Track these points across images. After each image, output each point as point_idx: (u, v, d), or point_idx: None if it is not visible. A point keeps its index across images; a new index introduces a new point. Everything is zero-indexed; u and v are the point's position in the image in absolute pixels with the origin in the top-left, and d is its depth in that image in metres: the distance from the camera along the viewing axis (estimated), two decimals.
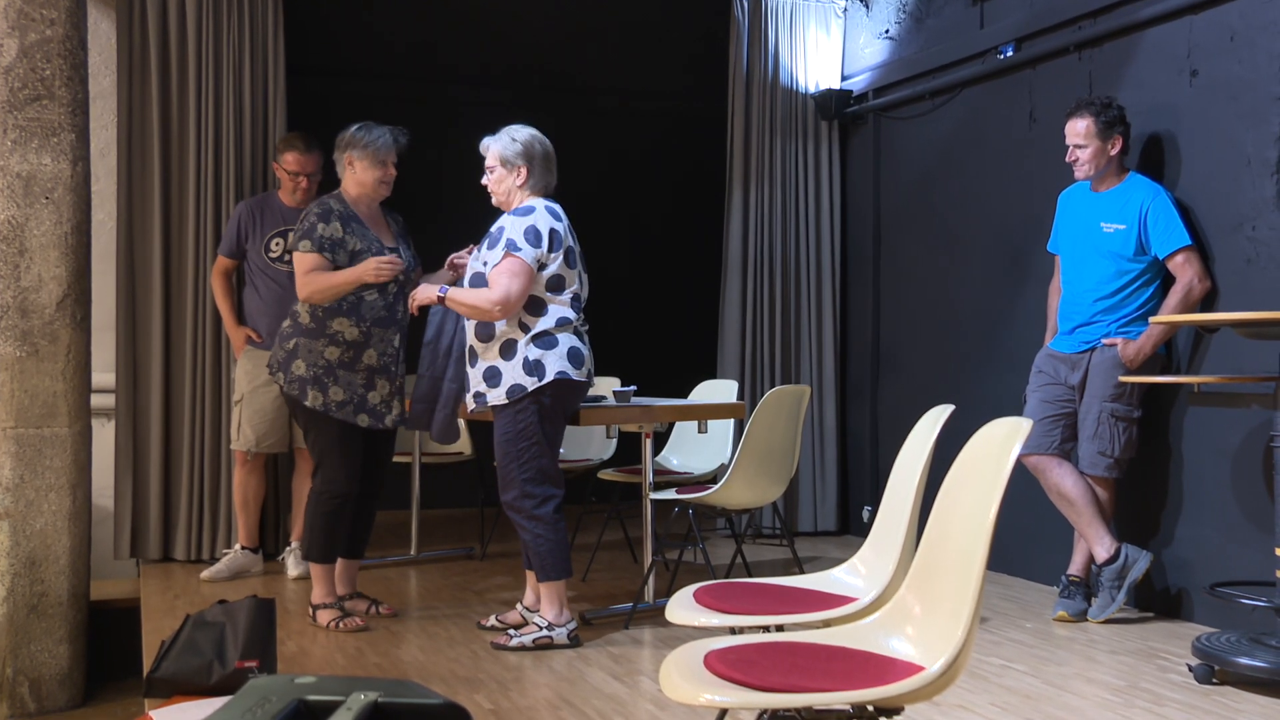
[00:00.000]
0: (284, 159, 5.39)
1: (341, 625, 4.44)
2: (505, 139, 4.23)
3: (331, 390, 4.37)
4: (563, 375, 4.10)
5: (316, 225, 4.39)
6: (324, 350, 4.37)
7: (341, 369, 4.39)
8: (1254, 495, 4.27)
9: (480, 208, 4.55)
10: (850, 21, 6.80)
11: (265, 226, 5.38)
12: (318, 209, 4.45)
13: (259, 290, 5.39)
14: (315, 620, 4.50)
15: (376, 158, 4.47)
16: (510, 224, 4.12)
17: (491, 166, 4.24)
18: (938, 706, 3.44)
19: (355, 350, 4.40)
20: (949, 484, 2.29)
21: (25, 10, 4.65)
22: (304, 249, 4.37)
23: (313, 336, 4.38)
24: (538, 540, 4.14)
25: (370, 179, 4.48)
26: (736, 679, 2.09)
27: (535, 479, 4.12)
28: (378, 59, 7.70)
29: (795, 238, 6.68)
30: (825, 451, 6.68)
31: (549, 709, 3.49)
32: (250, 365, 5.36)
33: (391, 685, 1.15)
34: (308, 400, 4.37)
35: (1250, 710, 3.49)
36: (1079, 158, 4.56)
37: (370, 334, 4.42)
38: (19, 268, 4.66)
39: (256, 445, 5.37)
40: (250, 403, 5.36)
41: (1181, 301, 4.39)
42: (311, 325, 4.39)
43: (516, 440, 4.11)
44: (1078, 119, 4.55)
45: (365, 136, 4.48)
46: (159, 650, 3.64)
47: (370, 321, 4.41)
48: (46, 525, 4.68)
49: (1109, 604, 4.48)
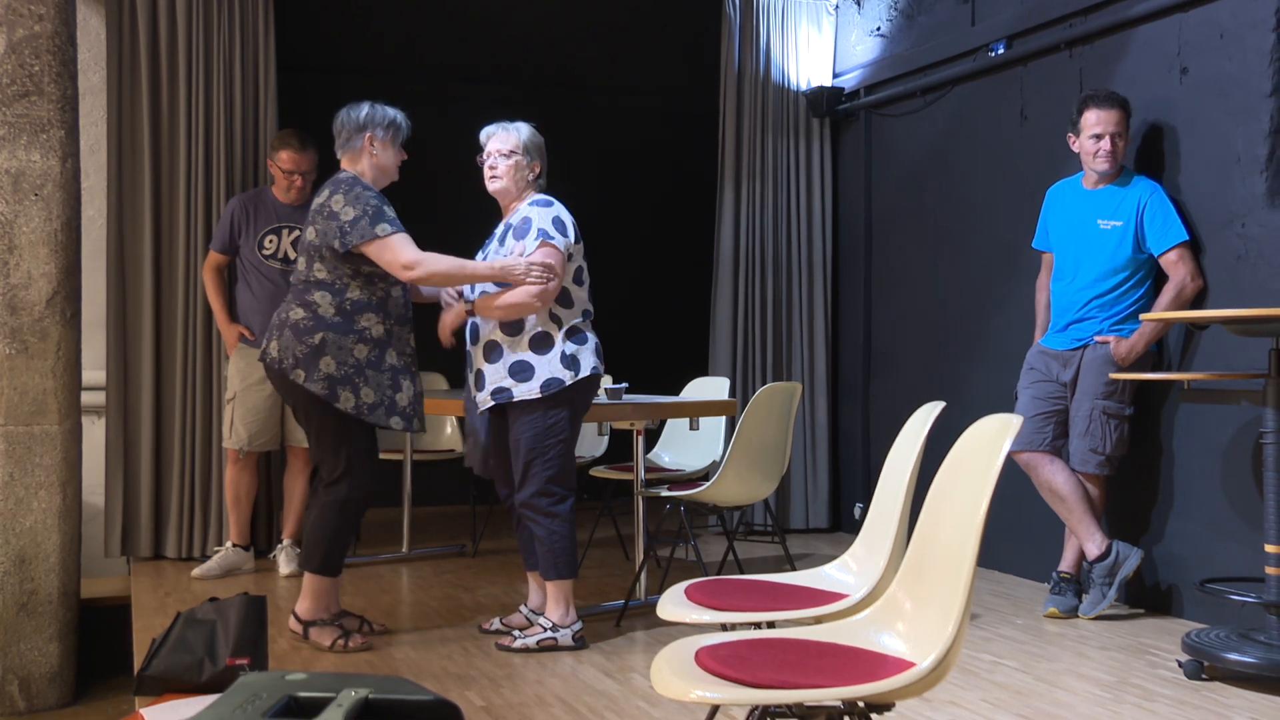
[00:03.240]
0: (279, 157, 5.35)
1: (349, 645, 4.08)
2: (527, 130, 4.15)
3: (363, 392, 4.00)
4: (596, 370, 4.09)
5: (382, 206, 4.01)
6: (354, 348, 4.00)
7: (370, 369, 4.02)
8: (1244, 492, 4.28)
9: (471, 204, 4.54)
10: (842, 18, 6.81)
11: (259, 223, 5.35)
12: (367, 190, 4.04)
13: (252, 287, 5.37)
14: (306, 638, 4.11)
15: (399, 137, 4.19)
16: (537, 215, 4.05)
17: (511, 150, 4.11)
18: (929, 702, 3.44)
19: (380, 349, 4.05)
20: (940, 481, 2.30)
21: (14, 6, 4.64)
22: (385, 231, 3.94)
23: (341, 332, 4.00)
24: (552, 537, 4.06)
25: (391, 161, 4.18)
26: (728, 675, 2.09)
27: (557, 476, 4.05)
28: (368, 55, 7.68)
29: (787, 235, 6.68)
30: (817, 448, 6.68)
31: (540, 706, 3.49)
32: (243, 363, 5.33)
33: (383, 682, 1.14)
34: (339, 403, 3.97)
35: (1239, 705, 3.50)
36: (1114, 148, 4.45)
37: (392, 332, 4.10)
38: (8, 265, 4.65)
39: (249, 444, 5.34)
40: (243, 401, 5.33)
41: (1174, 300, 4.40)
42: (338, 319, 4.00)
43: (545, 436, 4.01)
44: (1110, 109, 4.44)
45: (385, 115, 4.16)
46: (150, 648, 3.64)
47: (394, 319, 4.11)
48: (36, 523, 4.67)
49: (1100, 600, 4.49)
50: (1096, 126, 4.48)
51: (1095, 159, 4.51)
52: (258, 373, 5.25)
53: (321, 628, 4.13)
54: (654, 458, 5.82)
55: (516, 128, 4.17)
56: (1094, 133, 4.48)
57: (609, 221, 8.02)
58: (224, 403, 5.49)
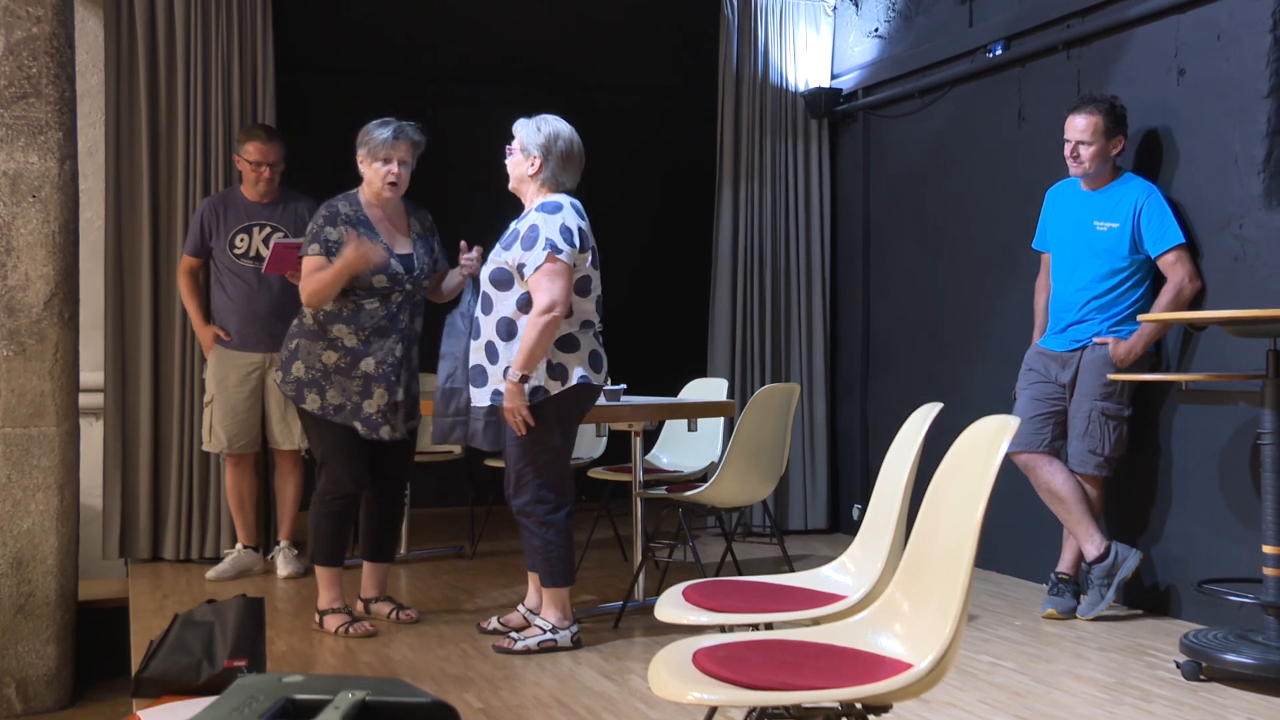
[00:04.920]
0: (245, 149, 5.34)
1: (351, 630, 4.34)
2: (532, 126, 4.15)
3: (329, 394, 4.29)
4: (584, 380, 4.05)
5: (323, 229, 4.29)
6: (322, 354, 4.29)
7: (337, 374, 4.29)
8: (1242, 492, 4.28)
9: (474, 202, 4.54)
10: (840, 20, 6.81)
11: (229, 223, 5.34)
12: (325, 211, 4.35)
13: (225, 288, 5.36)
14: (322, 626, 4.41)
15: (376, 154, 4.33)
16: (544, 223, 4.01)
17: (514, 146, 4.18)
18: (927, 704, 3.44)
19: (353, 357, 4.29)
20: (937, 482, 2.30)
21: (11, 8, 4.63)
22: (311, 252, 4.27)
23: (313, 339, 4.31)
24: (548, 547, 4.08)
25: (375, 178, 4.35)
26: (726, 677, 2.09)
27: (550, 484, 4.06)
28: (367, 56, 7.68)
29: (785, 236, 6.68)
30: (815, 449, 6.68)
31: (539, 707, 3.48)
32: (219, 365, 5.33)
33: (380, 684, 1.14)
34: (305, 403, 4.30)
35: (1237, 706, 3.50)
36: (1080, 154, 4.49)
37: (369, 343, 4.30)
38: (6, 267, 4.65)
39: (228, 446, 5.34)
40: (220, 404, 5.32)
41: (1172, 301, 4.40)
42: (314, 328, 4.32)
43: (534, 445, 4.02)
44: (1082, 115, 4.48)
45: (367, 134, 4.36)
46: (147, 650, 3.63)
47: (370, 330, 4.30)
48: (34, 525, 4.67)
49: (1098, 601, 4.49)
50: (1069, 133, 4.54)
51: (1069, 164, 4.56)
52: (234, 375, 5.27)
53: (331, 615, 4.41)
54: (652, 459, 5.81)
55: (528, 122, 4.17)
56: (1065, 138, 4.55)
57: (607, 222, 7.96)
58: (203, 405, 5.47)
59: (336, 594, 4.43)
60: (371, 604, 4.62)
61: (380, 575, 4.67)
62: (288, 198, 5.45)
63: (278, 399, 5.30)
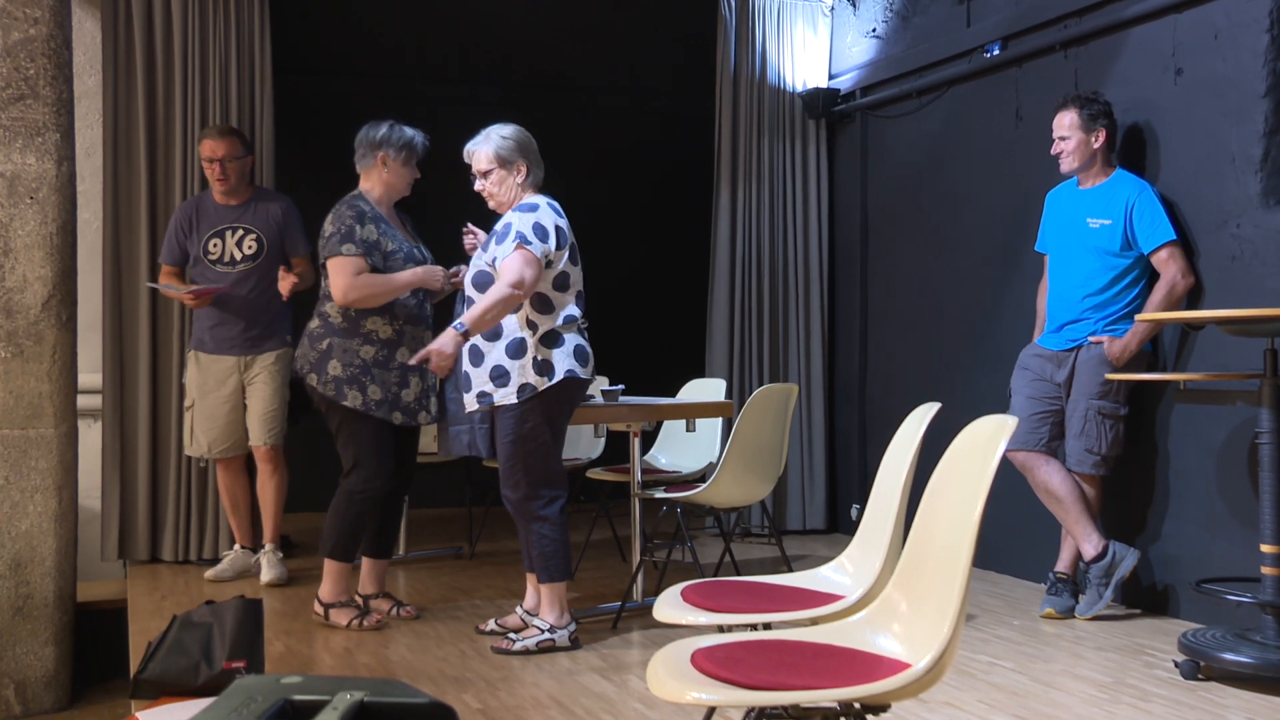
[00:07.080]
0: (200, 150, 5.34)
1: (364, 624, 4.41)
2: (496, 139, 4.13)
3: (370, 389, 4.34)
4: (571, 374, 4.06)
5: (355, 228, 4.32)
6: (359, 350, 4.35)
7: (377, 368, 4.36)
8: (1239, 491, 4.29)
9: (466, 207, 4.54)
10: (837, 20, 6.82)
11: (201, 227, 5.30)
12: (351, 211, 4.36)
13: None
14: (327, 620, 4.46)
15: (410, 158, 4.48)
16: (517, 220, 4.04)
17: (487, 170, 4.13)
18: (925, 704, 3.44)
19: (389, 349, 4.39)
20: (935, 482, 2.30)
21: (8, 9, 4.64)
22: (349, 252, 4.28)
23: (347, 336, 4.36)
24: (543, 541, 4.09)
25: (402, 180, 4.49)
26: (724, 677, 2.10)
27: (542, 480, 4.07)
28: (364, 57, 7.69)
29: (783, 236, 6.69)
30: (813, 450, 6.69)
31: (537, 708, 3.49)
32: (198, 371, 5.31)
33: (378, 685, 1.14)
34: (346, 400, 4.32)
35: (1235, 705, 3.51)
36: (1063, 150, 4.60)
37: (403, 332, 4.42)
38: (3, 268, 4.65)
39: (209, 451, 5.31)
40: (201, 409, 5.30)
41: (1165, 298, 4.41)
42: (345, 325, 4.37)
43: (524, 441, 4.04)
44: (1063, 112, 4.60)
45: (401, 136, 4.45)
46: (146, 651, 3.63)
47: (403, 319, 4.42)
48: (32, 527, 4.67)
49: (1096, 601, 4.49)
50: (1054, 130, 4.64)
51: (1059, 160, 4.65)
52: (214, 380, 5.27)
53: (340, 609, 4.46)
54: (650, 459, 5.81)
55: (486, 137, 4.16)
56: (1054, 135, 4.65)
57: (605, 223, 8.02)
58: (183, 410, 5.44)
59: (344, 587, 4.50)
60: (371, 600, 4.63)
61: (380, 572, 4.70)
62: (259, 197, 5.39)
63: (258, 400, 5.27)
